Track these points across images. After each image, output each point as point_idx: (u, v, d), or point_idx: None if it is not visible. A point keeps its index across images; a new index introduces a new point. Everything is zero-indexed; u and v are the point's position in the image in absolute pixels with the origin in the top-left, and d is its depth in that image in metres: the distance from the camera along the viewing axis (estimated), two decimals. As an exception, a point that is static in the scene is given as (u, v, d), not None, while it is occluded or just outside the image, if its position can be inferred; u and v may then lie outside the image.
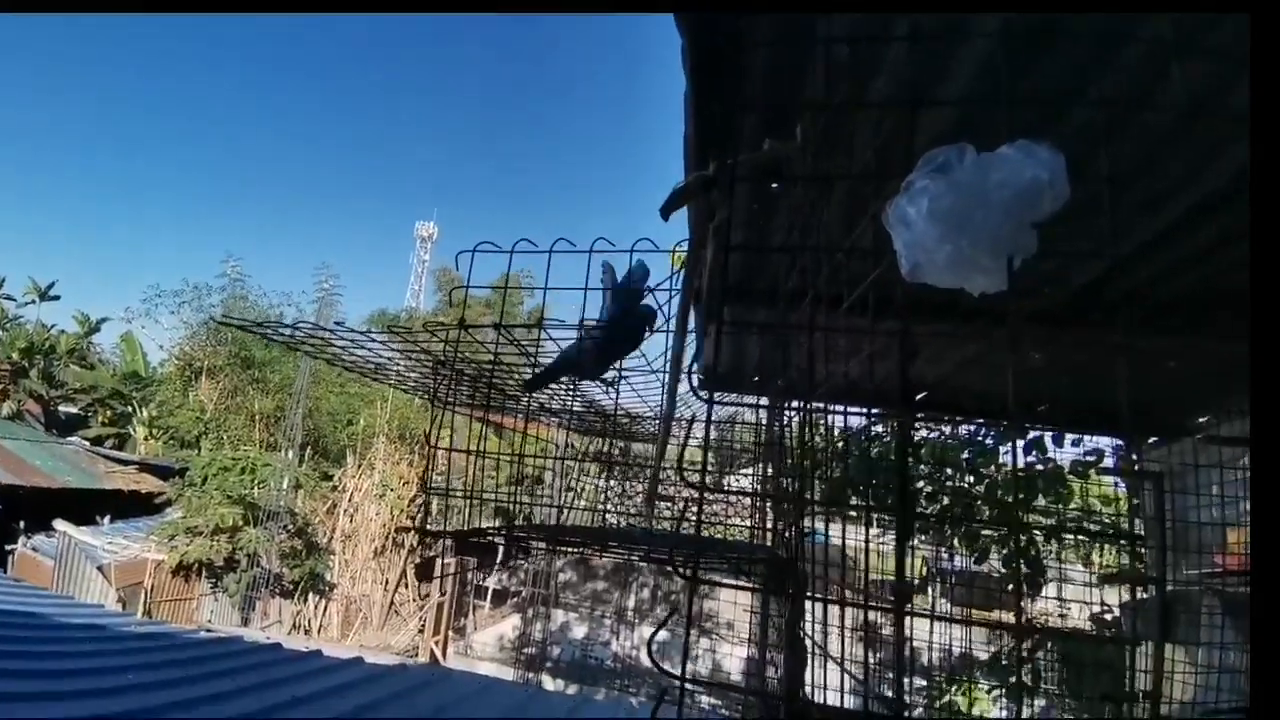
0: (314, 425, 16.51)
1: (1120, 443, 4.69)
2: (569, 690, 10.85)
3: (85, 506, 12.33)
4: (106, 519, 12.60)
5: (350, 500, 14.39)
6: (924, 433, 5.85)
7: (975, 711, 5.74)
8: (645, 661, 12.62)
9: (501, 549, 16.13)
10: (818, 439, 1.49)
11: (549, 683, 11.97)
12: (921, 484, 5.44)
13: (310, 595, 13.09)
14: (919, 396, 4.29)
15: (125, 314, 20.61)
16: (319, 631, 12.96)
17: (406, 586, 14.93)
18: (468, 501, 1.91)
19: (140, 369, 20.17)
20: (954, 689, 5.38)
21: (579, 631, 13.10)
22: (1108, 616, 4.86)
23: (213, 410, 17.48)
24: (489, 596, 16.03)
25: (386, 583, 14.21)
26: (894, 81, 1.31)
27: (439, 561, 13.68)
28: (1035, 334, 2.65)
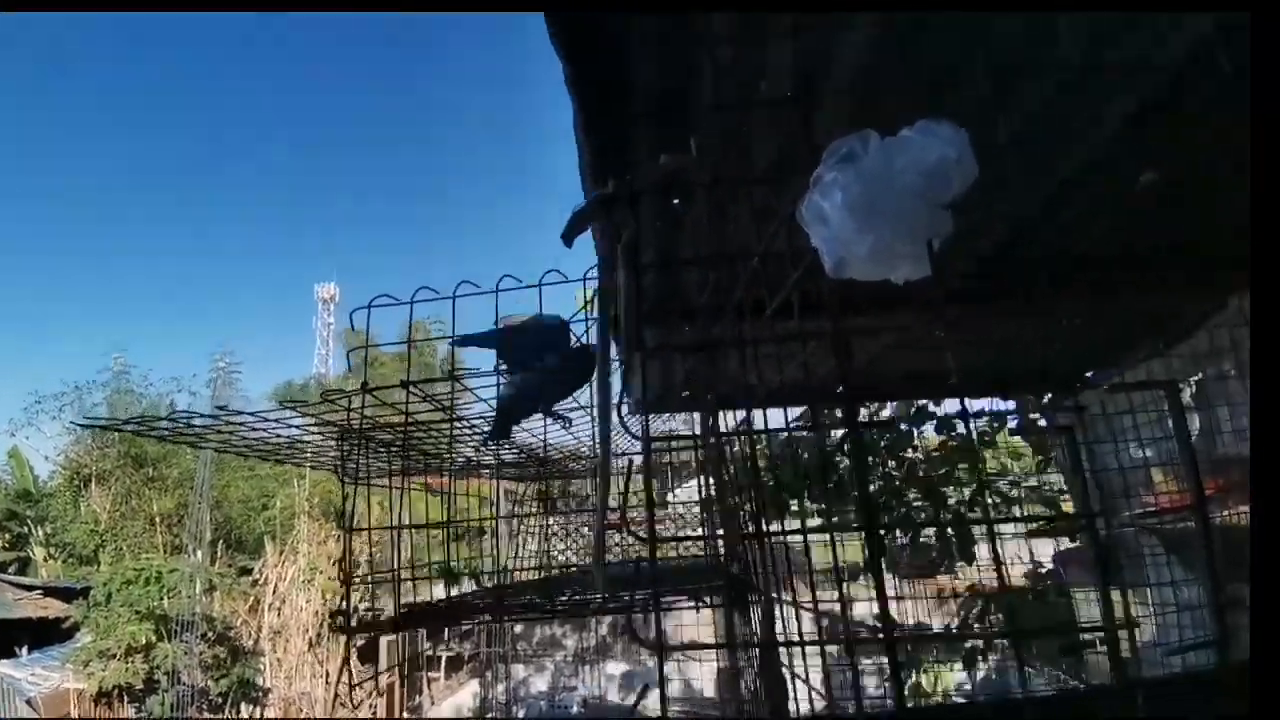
0: (223, 516, 15.31)
1: (1019, 404, 4.98)
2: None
3: (3, 637, 11.55)
4: (24, 649, 11.82)
5: (274, 592, 13.37)
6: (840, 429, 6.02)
7: (939, 685, 5.86)
8: (613, 698, 12.30)
9: (449, 616, 15.39)
10: (754, 448, 1.45)
11: (519, 745, 11.46)
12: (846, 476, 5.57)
13: (242, 706, 12.07)
14: (837, 390, 4.37)
15: (9, 426, 18.71)
16: (258, 743, 11.94)
17: (350, 674, 13.97)
18: (396, 578, 1.75)
19: (29, 485, 18.33)
20: (919, 668, 5.47)
21: (541, 683, 12.65)
22: (1041, 570, 5.09)
23: (107, 519, 15.99)
24: (442, 665, 15.25)
25: (327, 675, 13.24)
26: (783, 77, 1.30)
27: (383, 640, 12.89)
28: (947, 312, 2.73)
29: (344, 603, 1.64)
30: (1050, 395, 4.50)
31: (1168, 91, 1.66)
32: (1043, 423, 5.05)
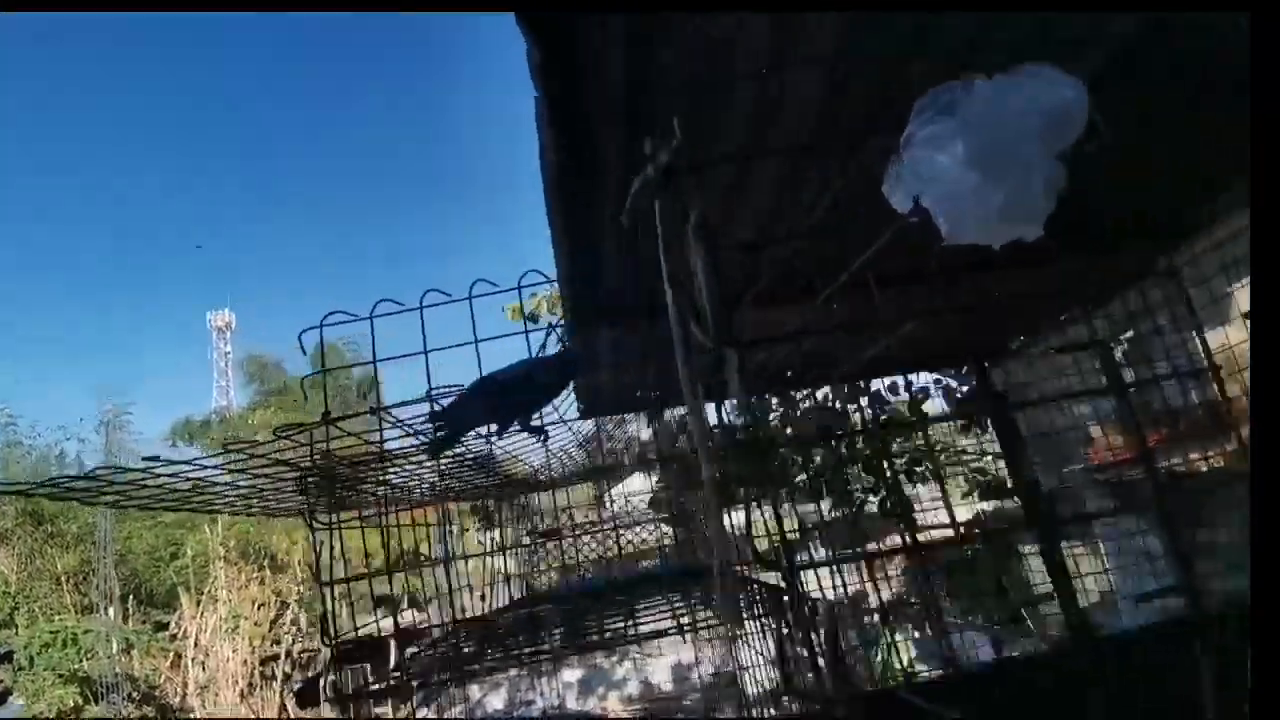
0: (129, 570, 14.09)
1: (941, 378, 5.19)
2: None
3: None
4: (-37, 716, 10.87)
5: (196, 645, 12.39)
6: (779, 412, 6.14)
7: (904, 654, 6.02)
8: (572, 705, 12.08)
9: (394, 645, 14.73)
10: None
11: (479, 771, 11.07)
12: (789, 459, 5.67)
13: (179, 765, 11.28)
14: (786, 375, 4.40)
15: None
16: (199, 804, 11.13)
17: (289, 720, 13.15)
18: (395, 614, 1.57)
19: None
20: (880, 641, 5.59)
21: (498, 701, 12.29)
22: (976, 530, 5.32)
23: (16, 580, 14.53)
24: (390, 698, 14.56)
25: (264, 724, 12.40)
26: (756, 52, 1.21)
27: (323, 681, 12.16)
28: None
29: (332, 667, 1.44)
30: (985, 364, 4.67)
31: (1110, 64, 1.70)
32: (961, 390, 5.25)
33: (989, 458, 5.54)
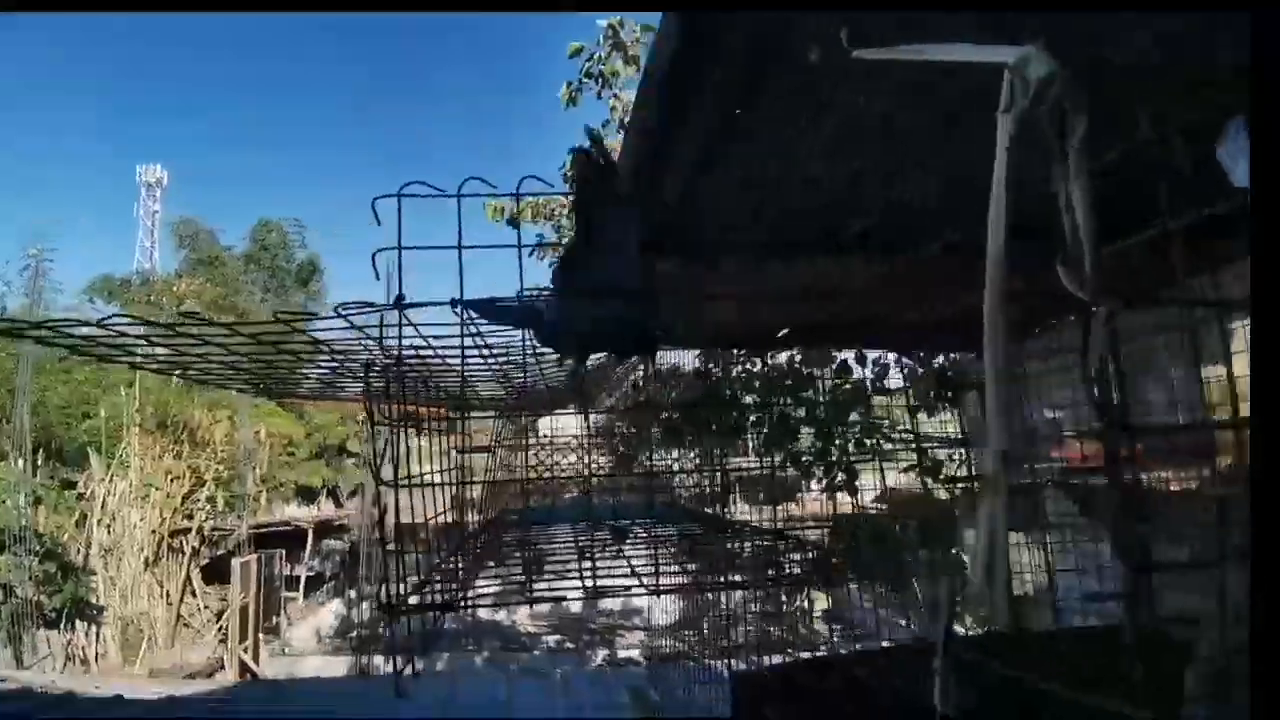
0: (42, 423, 13.32)
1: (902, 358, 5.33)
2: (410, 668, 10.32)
3: None
4: None
5: (103, 508, 11.99)
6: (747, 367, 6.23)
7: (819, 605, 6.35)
8: (485, 615, 12.35)
9: (311, 533, 14.63)
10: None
11: (386, 665, 11.24)
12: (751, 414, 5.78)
13: (77, 623, 11.02)
14: (780, 334, 4.41)
15: None
16: (97, 661, 10.95)
17: (194, 595, 13.01)
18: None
19: None
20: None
21: (408, 599, 12.44)
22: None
23: None
24: (301, 585, 14.58)
25: (167, 595, 12.23)
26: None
27: (234, 560, 12.01)
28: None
29: (390, 576, 1.37)
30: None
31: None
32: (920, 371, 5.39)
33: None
